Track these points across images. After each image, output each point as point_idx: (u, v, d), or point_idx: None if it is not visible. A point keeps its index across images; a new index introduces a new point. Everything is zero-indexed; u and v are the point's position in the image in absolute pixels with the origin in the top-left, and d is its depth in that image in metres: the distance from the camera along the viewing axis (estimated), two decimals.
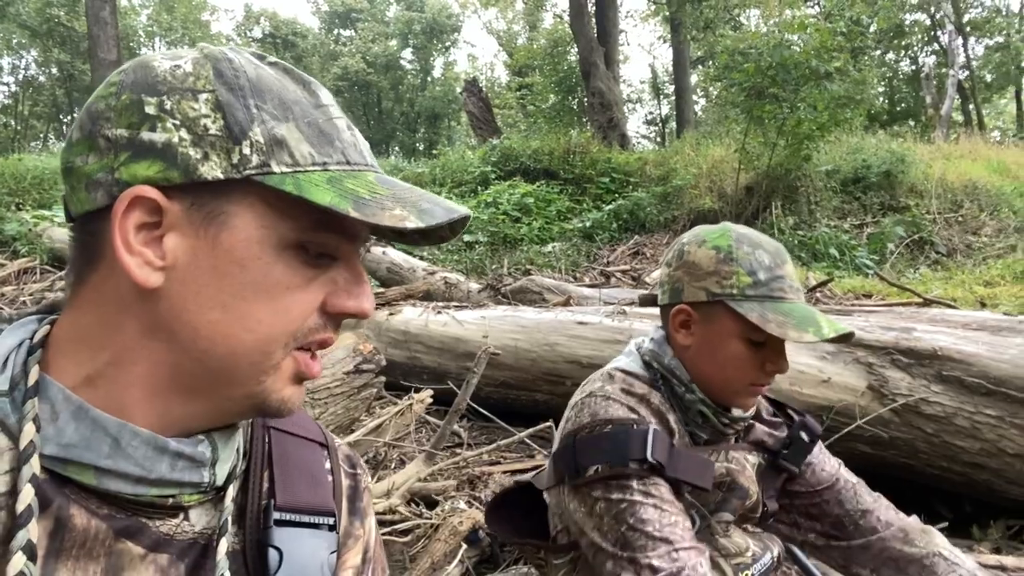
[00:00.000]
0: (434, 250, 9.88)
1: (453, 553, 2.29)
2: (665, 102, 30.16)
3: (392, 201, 0.61)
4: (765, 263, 1.27)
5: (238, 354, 0.60)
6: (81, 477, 0.58)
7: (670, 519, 1.17)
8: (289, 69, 0.66)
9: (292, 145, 0.60)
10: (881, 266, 8.44)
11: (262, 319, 0.60)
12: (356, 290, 0.65)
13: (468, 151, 15.79)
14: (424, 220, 0.60)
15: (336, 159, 0.62)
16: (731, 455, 1.34)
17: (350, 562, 0.75)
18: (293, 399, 0.65)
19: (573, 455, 1.26)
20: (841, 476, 1.44)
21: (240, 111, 0.59)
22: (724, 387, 1.30)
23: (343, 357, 2.74)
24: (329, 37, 40.13)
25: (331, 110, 0.64)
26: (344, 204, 0.58)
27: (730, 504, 1.32)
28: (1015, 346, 2.63)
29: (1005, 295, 6.27)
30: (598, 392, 1.32)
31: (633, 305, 4.01)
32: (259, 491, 0.70)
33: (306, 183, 0.58)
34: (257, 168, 0.58)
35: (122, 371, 0.60)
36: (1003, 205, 10.23)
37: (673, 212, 10.92)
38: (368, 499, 0.81)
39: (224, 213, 0.58)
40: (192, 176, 0.57)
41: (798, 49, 9.59)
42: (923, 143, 13.67)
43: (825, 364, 2.89)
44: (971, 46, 20.48)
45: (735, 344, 1.27)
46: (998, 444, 2.53)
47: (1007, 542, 2.58)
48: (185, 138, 0.57)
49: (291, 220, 0.60)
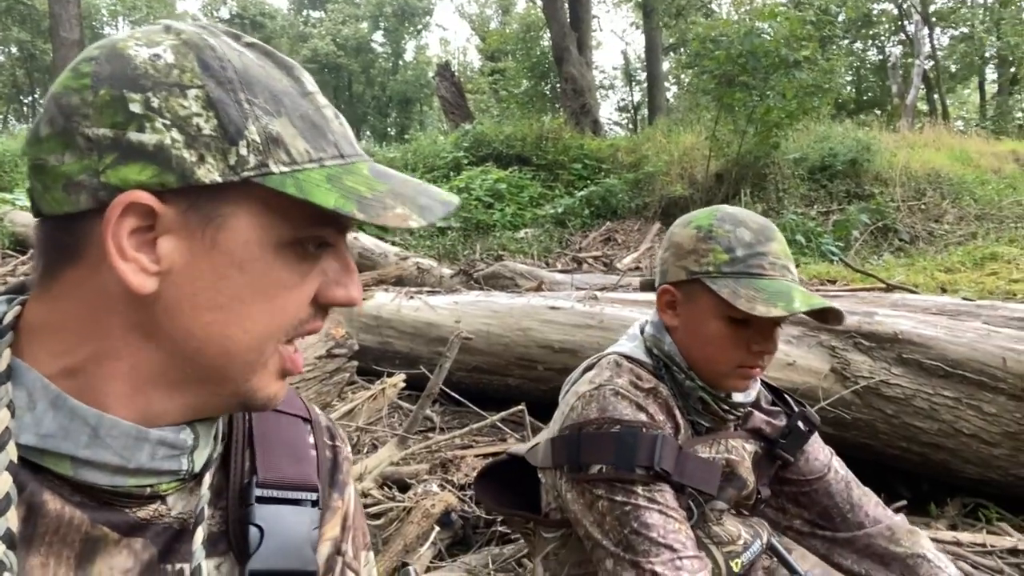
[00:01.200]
0: (406, 235, 9.83)
1: (425, 535, 2.31)
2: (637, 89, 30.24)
3: (392, 198, 0.60)
4: (745, 240, 1.25)
5: (232, 353, 0.60)
6: (58, 467, 0.57)
7: (674, 526, 1.17)
8: (269, 52, 0.64)
9: (288, 142, 0.58)
10: (846, 252, 8.61)
11: (259, 319, 0.60)
12: (346, 280, 0.64)
13: (440, 136, 15.72)
14: (426, 217, 0.60)
15: (331, 153, 0.61)
16: (730, 444, 1.34)
17: (329, 534, 0.75)
18: (279, 395, 0.65)
19: (577, 449, 1.24)
20: (833, 467, 1.44)
21: (233, 108, 0.56)
22: (712, 368, 1.28)
23: (315, 342, 2.74)
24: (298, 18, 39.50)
25: (318, 98, 0.63)
26: (349, 206, 0.57)
27: (726, 493, 1.31)
28: (972, 330, 2.72)
29: (965, 281, 6.44)
30: (607, 384, 1.28)
31: (605, 290, 4.05)
32: (241, 471, 0.70)
33: (307, 184, 0.57)
34: (255, 169, 0.56)
35: (103, 366, 0.58)
36: (965, 193, 10.48)
37: (645, 199, 11.00)
38: (347, 469, 0.80)
39: (221, 216, 0.57)
40: (189, 180, 0.55)
41: (768, 37, 9.69)
42: (889, 132, 13.90)
43: (790, 348, 2.95)
44: (936, 36, 20.84)
45: (715, 323, 1.25)
46: (955, 425, 2.61)
47: (962, 519, 2.68)
48: (178, 139, 0.55)
49: (288, 219, 0.59)
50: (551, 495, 1.40)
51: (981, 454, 2.60)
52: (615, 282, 4.78)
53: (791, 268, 1.26)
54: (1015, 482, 2.59)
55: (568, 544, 1.38)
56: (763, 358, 1.26)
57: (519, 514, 1.49)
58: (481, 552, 2.36)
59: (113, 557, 0.59)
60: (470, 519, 2.56)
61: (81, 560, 0.57)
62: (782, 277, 1.23)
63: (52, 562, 0.56)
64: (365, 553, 0.82)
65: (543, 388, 3.52)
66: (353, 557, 0.78)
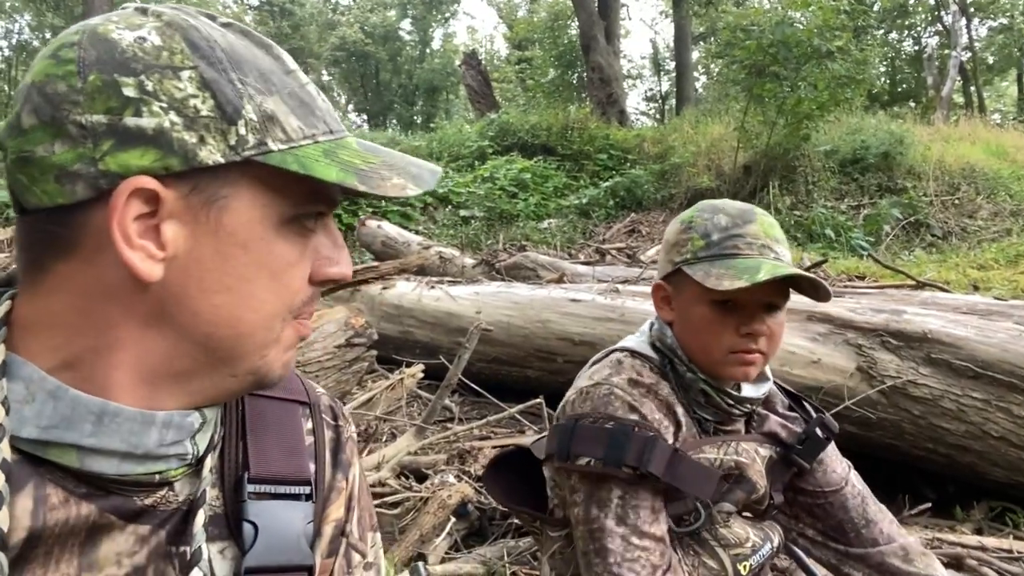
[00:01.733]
0: (429, 224, 9.86)
1: (442, 526, 2.31)
2: (665, 78, 29.93)
3: (387, 170, 0.62)
4: (721, 224, 1.27)
5: (244, 334, 0.60)
6: (62, 458, 0.56)
7: (634, 553, 1.18)
8: (247, 31, 0.63)
9: (282, 120, 0.58)
10: (876, 248, 8.45)
11: (266, 298, 0.60)
12: (337, 256, 0.65)
13: (466, 125, 15.69)
14: (420, 185, 0.62)
15: (322, 129, 0.61)
16: (741, 447, 1.32)
17: (333, 515, 0.75)
18: (291, 364, 0.67)
19: (570, 438, 1.25)
20: (850, 481, 1.43)
21: (228, 88, 0.56)
22: (707, 357, 1.28)
23: (334, 331, 2.75)
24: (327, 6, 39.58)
25: (300, 75, 0.63)
26: (350, 179, 0.58)
27: (734, 495, 1.31)
28: (1003, 330, 2.65)
29: (998, 279, 6.29)
30: (603, 383, 1.29)
31: (627, 283, 4.01)
32: (235, 461, 0.69)
33: (307, 160, 0.58)
34: (255, 148, 0.57)
35: (104, 357, 0.58)
36: (1000, 189, 10.22)
37: (670, 190, 10.90)
38: (351, 448, 0.80)
39: (224, 196, 0.57)
40: (192, 163, 0.55)
41: (800, 27, 9.51)
42: (923, 124, 13.61)
43: (816, 345, 2.90)
44: (974, 27, 20.36)
45: (701, 309, 1.27)
46: (983, 427, 2.55)
47: (989, 523, 2.62)
48: (177, 122, 0.54)
49: (288, 196, 0.59)
50: (553, 492, 1.40)
51: (1010, 457, 2.54)
52: (637, 275, 4.74)
53: (775, 248, 1.25)
54: None
55: (573, 543, 1.37)
56: (757, 341, 1.25)
57: (525, 511, 1.50)
58: (497, 544, 2.36)
59: (117, 543, 0.59)
60: (487, 511, 2.56)
61: (85, 548, 0.57)
62: (760, 255, 1.23)
63: (56, 550, 0.56)
64: (372, 534, 0.81)
65: (562, 381, 3.49)
66: (359, 539, 0.78)
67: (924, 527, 2.54)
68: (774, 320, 1.27)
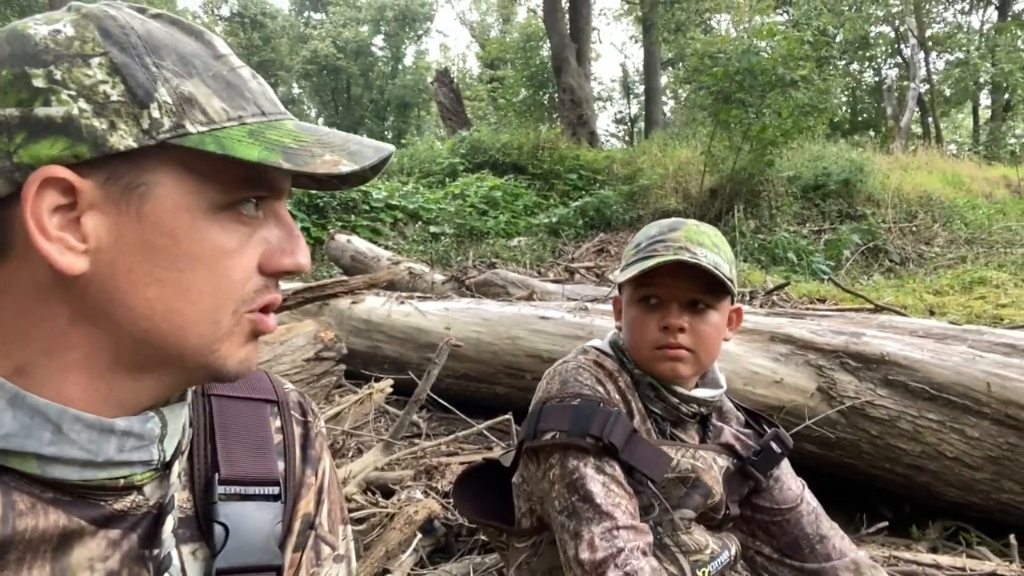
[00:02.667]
0: (399, 239, 9.84)
1: (408, 542, 2.30)
2: (635, 101, 30.37)
3: (320, 147, 0.59)
4: (651, 233, 1.37)
5: (185, 328, 0.58)
6: (23, 467, 0.56)
7: (615, 499, 1.22)
8: (176, 20, 0.62)
9: (203, 102, 0.56)
10: (837, 272, 8.65)
11: (205, 289, 0.58)
12: (290, 246, 0.63)
13: (437, 142, 15.74)
14: (357, 162, 0.59)
15: (251, 111, 0.59)
16: (698, 453, 1.37)
17: (302, 510, 0.75)
18: (250, 359, 0.64)
19: (537, 419, 1.32)
20: (805, 498, 1.48)
21: (139, 72, 0.55)
22: (639, 355, 1.37)
23: (303, 344, 2.73)
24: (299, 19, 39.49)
25: (231, 59, 0.61)
26: (274, 156, 0.56)
27: (692, 500, 1.35)
28: (958, 354, 2.73)
29: (953, 304, 6.48)
30: (572, 360, 1.39)
31: (596, 301, 4.06)
32: (204, 463, 0.69)
33: (228, 140, 0.56)
34: (171, 131, 0.55)
35: (56, 358, 0.57)
36: (955, 217, 10.56)
37: (639, 211, 11.04)
38: (321, 443, 0.80)
39: (144, 184, 0.55)
40: (103, 149, 0.53)
41: (766, 56, 9.75)
42: (882, 153, 14.01)
43: (778, 366, 2.97)
44: (932, 60, 21.04)
45: (632, 309, 1.38)
46: (938, 447, 2.63)
47: (943, 542, 2.69)
48: (86, 108, 0.53)
49: (216, 181, 0.57)
50: (521, 500, 1.44)
51: (963, 477, 2.61)
52: (606, 294, 4.79)
53: (693, 248, 1.31)
54: (996, 507, 2.60)
55: (539, 552, 1.41)
56: (676, 336, 1.32)
57: (492, 524, 1.53)
58: (463, 560, 2.35)
59: (89, 548, 0.59)
60: (453, 527, 2.55)
61: (57, 554, 0.57)
62: (675, 255, 1.30)
63: (28, 556, 0.55)
64: (343, 527, 0.81)
65: (530, 397, 3.46)
66: (328, 531, 0.78)
67: (881, 545, 2.60)
68: (700, 320, 1.34)
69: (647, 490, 1.29)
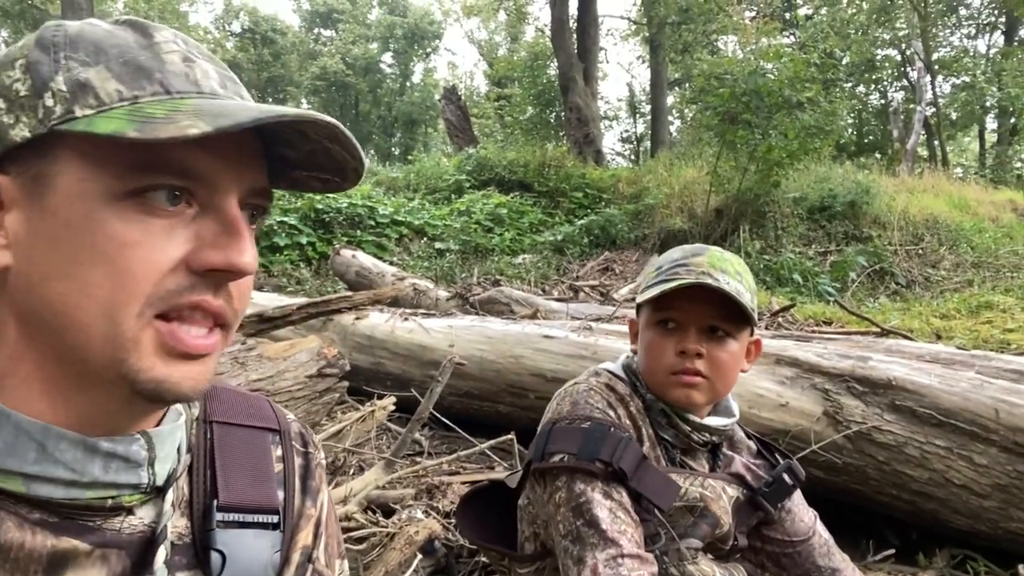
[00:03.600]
0: (404, 255, 9.86)
1: (408, 563, 2.27)
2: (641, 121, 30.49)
3: (189, 116, 0.52)
4: (673, 257, 1.37)
5: (86, 325, 0.55)
6: (9, 485, 0.55)
7: (621, 526, 1.19)
8: (137, 22, 0.61)
9: (97, 86, 0.55)
10: (842, 294, 8.62)
11: (102, 283, 0.54)
12: (224, 242, 0.57)
13: (444, 158, 15.83)
14: (216, 124, 0.51)
15: (151, 90, 0.56)
16: (707, 482, 1.36)
17: (301, 542, 0.74)
18: (173, 379, 0.57)
19: (546, 440, 1.30)
20: (817, 531, 1.46)
21: (46, 66, 0.55)
22: (653, 379, 1.35)
23: (306, 360, 2.72)
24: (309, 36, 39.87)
25: (165, 46, 0.58)
26: (125, 128, 0.51)
27: (700, 530, 1.33)
28: (966, 379, 2.71)
29: (960, 328, 6.44)
30: (583, 382, 1.37)
31: (600, 321, 4.04)
32: (203, 489, 0.69)
33: (99, 119, 0.53)
34: (60, 117, 0.54)
35: (17, 369, 0.57)
36: (962, 240, 10.52)
37: (644, 230, 11.04)
38: (320, 475, 0.79)
39: (46, 175, 0.55)
40: (5, 143, 0.55)
41: (772, 77, 9.79)
42: (888, 176, 14.01)
43: (784, 389, 2.94)
44: (939, 84, 21.06)
45: (649, 332, 1.36)
46: (945, 474, 2.59)
47: (951, 571, 2.65)
48: (1, 107, 0.55)
49: (111, 168, 0.54)
50: (525, 523, 1.42)
51: (971, 505, 2.58)
52: (611, 313, 4.77)
53: (715, 275, 1.30)
54: (1004, 535, 2.56)
55: None
56: (693, 361, 1.30)
57: (495, 548, 1.51)
58: None
59: (85, 570, 0.58)
60: (454, 548, 2.52)
61: (49, 574, 0.56)
62: (697, 279, 1.29)
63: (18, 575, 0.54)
64: (340, 562, 0.80)
65: (533, 416, 3.47)
66: (325, 565, 0.77)
67: (887, 573, 2.56)
68: (718, 347, 1.32)
69: (653, 518, 1.27)
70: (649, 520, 1.27)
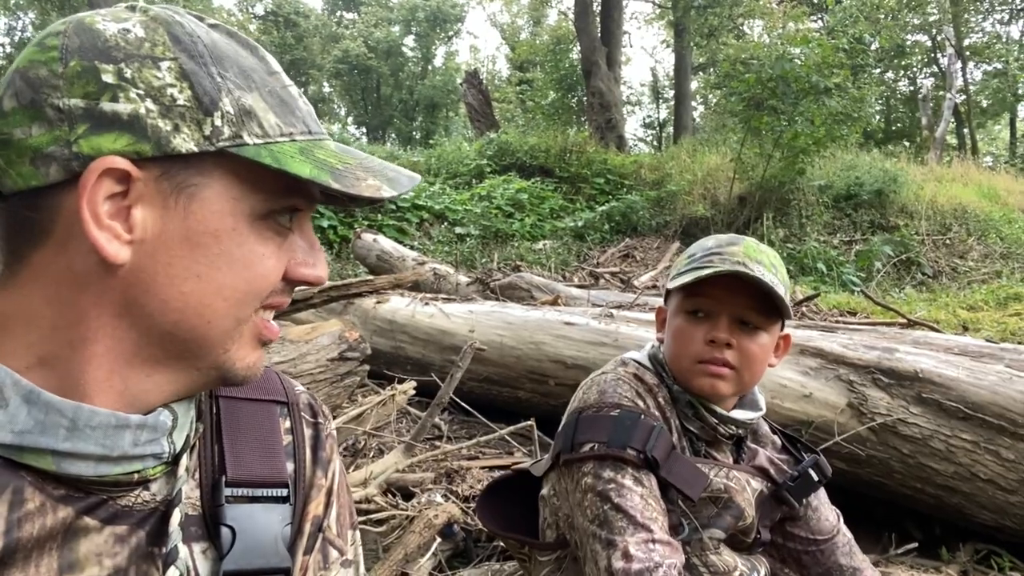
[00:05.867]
0: (425, 240, 9.87)
1: (427, 546, 2.29)
2: (664, 106, 30.21)
3: (363, 171, 0.63)
4: (707, 245, 1.35)
5: (212, 322, 0.61)
6: (39, 463, 0.56)
7: (652, 512, 1.19)
8: (234, 33, 0.64)
9: (260, 115, 0.60)
10: (867, 284, 8.50)
11: (238, 287, 0.61)
12: (313, 259, 0.67)
13: (464, 143, 15.77)
14: (395, 188, 0.64)
15: (300, 129, 0.63)
16: (732, 474, 1.34)
17: (312, 512, 0.75)
18: (258, 364, 0.67)
19: (573, 430, 1.28)
20: (840, 529, 1.45)
21: (206, 80, 0.58)
22: (679, 366, 1.34)
23: (328, 344, 2.74)
24: (332, 19, 39.85)
25: (283, 77, 0.65)
26: (324, 176, 0.60)
27: (723, 521, 1.32)
28: (994, 373, 2.66)
29: (988, 320, 6.33)
30: (610, 371, 1.36)
31: (621, 308, 4.02)
32: (211, 464, 0.70)
33: (282, 155, 0.59)
34: (230, 140, 0.58)
35: (80, 351, 0.58)
36: (991, 231, 10.33)
37: (666, 217, 10.97)
38: (331, 445, 0.80)
39: (195, 185, 0.58)
40: (164, 149, 0.56)
41: (799, 63, 9.64)
42: (916, 164, 13.77)
43: (807, 379, 2.91)
44: (969, 70, 20.65)
45: (678, 319, 1.34)
46: (971, 469, 2.56)
47: (974, 566, 2.62)
48: (152, 109, 0.55)
49: (262, 191, 0.60)
50: (547, 510, 1.41)
51: (997, 500, 2.54)
52: (632, 300, 4.75)
53: (751, 265, 1.28)
54: None
55: (563, 567, 1.38)
56: (722, 351, 1.28)
57: (515, 537, 1.50)
58: (481, 567, 2.34)
59: (95, 543, 0.59)
60: (472, 532, 2.53)
61: (63, 550, 0.57)
62: (731, 268, 1.27)
63: (35, 554, 0.56)
64: (351, 532, 0.80)
65: (553, 403, 3.50)
66: (337, 535, 0.77)
67: (910, 567, 2.53)
68: (748, 338, 1.30)
69: (677, 508, 1.26)
70: (673, 510, 1.26)
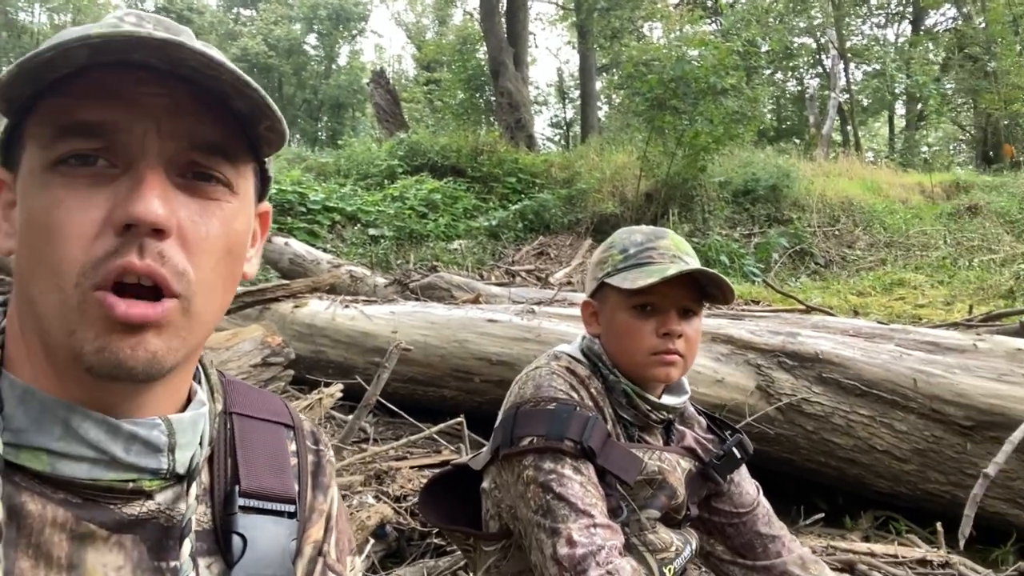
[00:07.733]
0: (337, 242, 9.69)
1: (360, 548, 2.28)
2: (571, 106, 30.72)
3: None
4: (637, 240, 1.41)
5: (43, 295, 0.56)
6: (34, 463, 0.57)
7: (591, 499, 1.24)
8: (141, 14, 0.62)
9: None
10: (767, 274, 8.97)
11: (45, 250, 0.55)
12: (135, 194, 0.55)
13: (373, 143, 15.55)
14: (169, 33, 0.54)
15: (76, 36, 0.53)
16: (664, 456, 1.42)
17: (313, 536, 0.76)
18: (112, 349, 0.55)
19: (512, 425, 1.32)
20: (760, 501, 1.55)
21: None
22: (631, 360, 1.39)
23: (251, 349, 2.68)
24: (228, 16, 38.40)
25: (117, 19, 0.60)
26: None
27: (658, 501, 1.39)
28: (886, 352, 2.89)
29: (875, 304, 6.81)
30: (544, 366, 1.40)
31: (542, 304, 4.10)
32: (224, 476, 0.70)
33: None
34: None
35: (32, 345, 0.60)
36: (875, 221, 11.08)
37: (577, 214, 11.18)
38: (330, 472, 0.81)
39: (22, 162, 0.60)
40: None
41: (698, 64, 10.03)
42: (806, 160, 14.55)
43: (719, 365, 3.07)
44: (851, 71, 21.94)
45: (623, 315, 1.39)
46: (869, 441, 2.77)
47: (875, 531, 2.83)
48: None
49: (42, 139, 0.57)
50: (490, 502, 1.44)
51: (892, 470, 2.76)
52: (551, 296, 4.85)
53: (684, 258, 1.38)
54: (923, 496, 2.76)
55: (508, 555, 1.42)
56: (675, 342, 1.36)
57: (459, 529, 1.53)
58: (416, 565, 2.35)
59: (104, 555, 0.59)
60: (405, 531, 2.54)
61: (71, 560, 0.57)
62: (671, 263, 1.35)
63: (42, 564, 0.55)
64: (350, 558, 0.82)
65: (479, 400, 3.54)
66: (336, 560, 0.79)
67: (818, 536, 2.72)
68: (690, 326, 1.39)
69: (615, 492, 1.32)
70: (611, 495, 1.32)
